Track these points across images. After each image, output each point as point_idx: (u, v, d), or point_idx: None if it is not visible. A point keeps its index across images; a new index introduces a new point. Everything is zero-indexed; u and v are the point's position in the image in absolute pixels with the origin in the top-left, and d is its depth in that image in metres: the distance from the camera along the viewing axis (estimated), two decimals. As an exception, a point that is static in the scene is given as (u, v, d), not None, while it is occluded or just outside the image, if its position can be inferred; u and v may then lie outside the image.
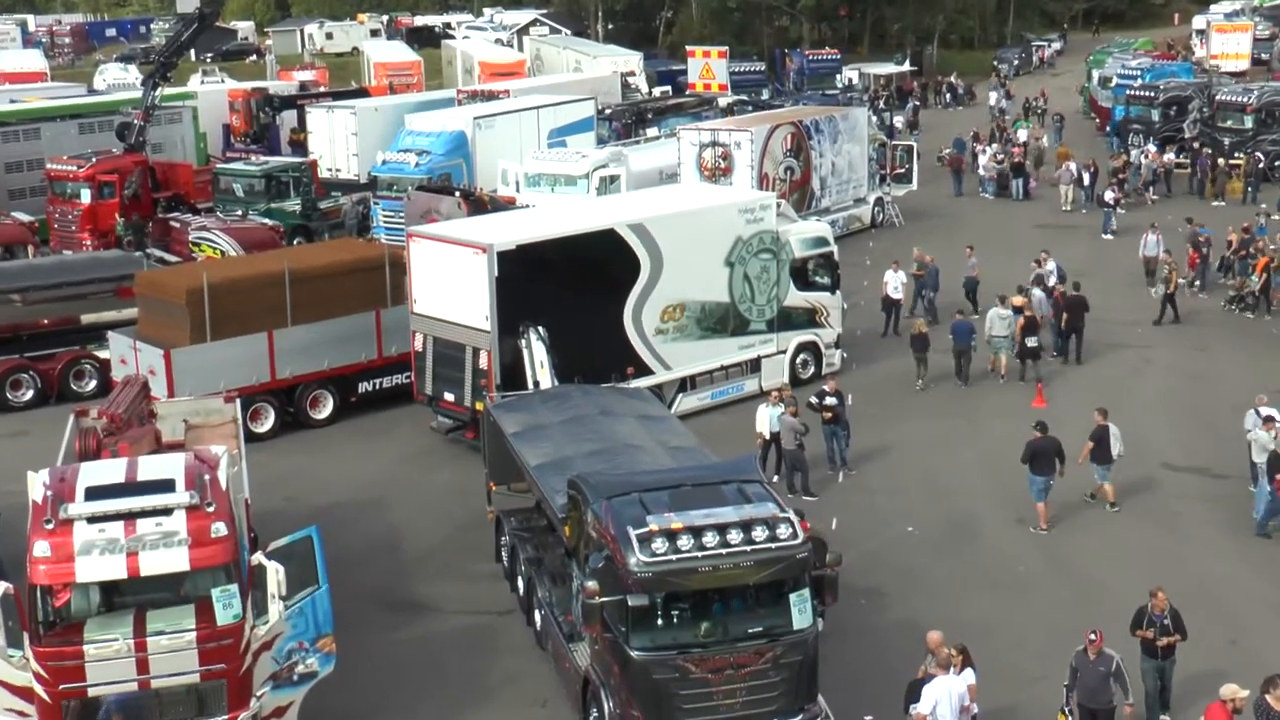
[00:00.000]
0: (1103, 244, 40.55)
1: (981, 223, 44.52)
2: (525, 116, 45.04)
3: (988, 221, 44.74)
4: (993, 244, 39.93)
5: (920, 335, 28.75)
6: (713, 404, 27.26)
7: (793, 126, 40.07)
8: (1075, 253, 38.08)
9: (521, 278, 24.07)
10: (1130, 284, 35.75)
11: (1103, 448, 22.64)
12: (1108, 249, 39.88)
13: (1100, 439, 22.67)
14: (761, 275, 27.60)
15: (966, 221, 44.79)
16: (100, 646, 14.22)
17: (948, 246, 37.66)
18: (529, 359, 23.40)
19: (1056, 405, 27.04)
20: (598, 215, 27.03)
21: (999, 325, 28.83)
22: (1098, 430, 22.79)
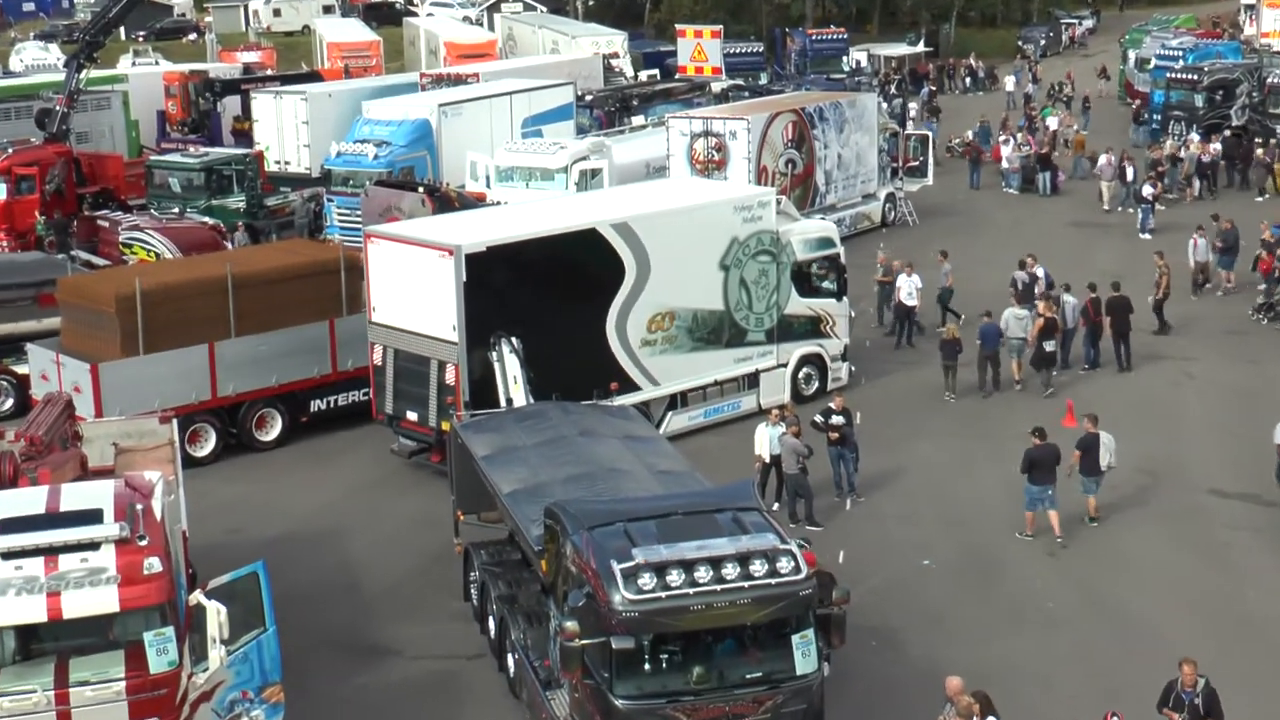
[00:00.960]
0: (1140, 245, 40.68)
1: (1006, 221, 44.71)
2: (497, 103, 45.10)
3: (1013, 219, 44.93)
4: (1019, 245, 39.99)
5: (951, 341, 28.94)
6: (706, 423, 27.28)
7: (794, 114, 40.20)
8: (1110, 254, 38.31)
9: (492, 283, 24.09)
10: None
11: (1091, 457, 22.97)
12: (1146, 250, 39.97)
13: (1089, 448, 22.99)
14: (760, 280, 27.66)
15: (989, 220, 44.97)
16: (16, 699, 14.14)
17: (969, 248, 37.87)
18: (501, 373, 23.41)
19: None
20: (577, 213, 27.07)
21: (1015, 326, 29.28)
22: (1086, 438, 23.10)
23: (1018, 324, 29.40)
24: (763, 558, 14.63)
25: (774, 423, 23.71)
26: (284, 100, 46.45)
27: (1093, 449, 23.03)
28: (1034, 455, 22.55)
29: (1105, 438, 23.15)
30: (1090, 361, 30.42)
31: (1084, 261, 36.74)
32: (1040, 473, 22.43)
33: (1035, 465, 22.48)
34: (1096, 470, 22.97)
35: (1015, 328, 29.38)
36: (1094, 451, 23.00)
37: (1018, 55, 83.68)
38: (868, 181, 43.29)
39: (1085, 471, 23.03)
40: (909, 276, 32.33)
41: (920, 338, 32.24)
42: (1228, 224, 36.21)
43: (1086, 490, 23.07)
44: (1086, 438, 23.18)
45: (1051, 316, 29.35)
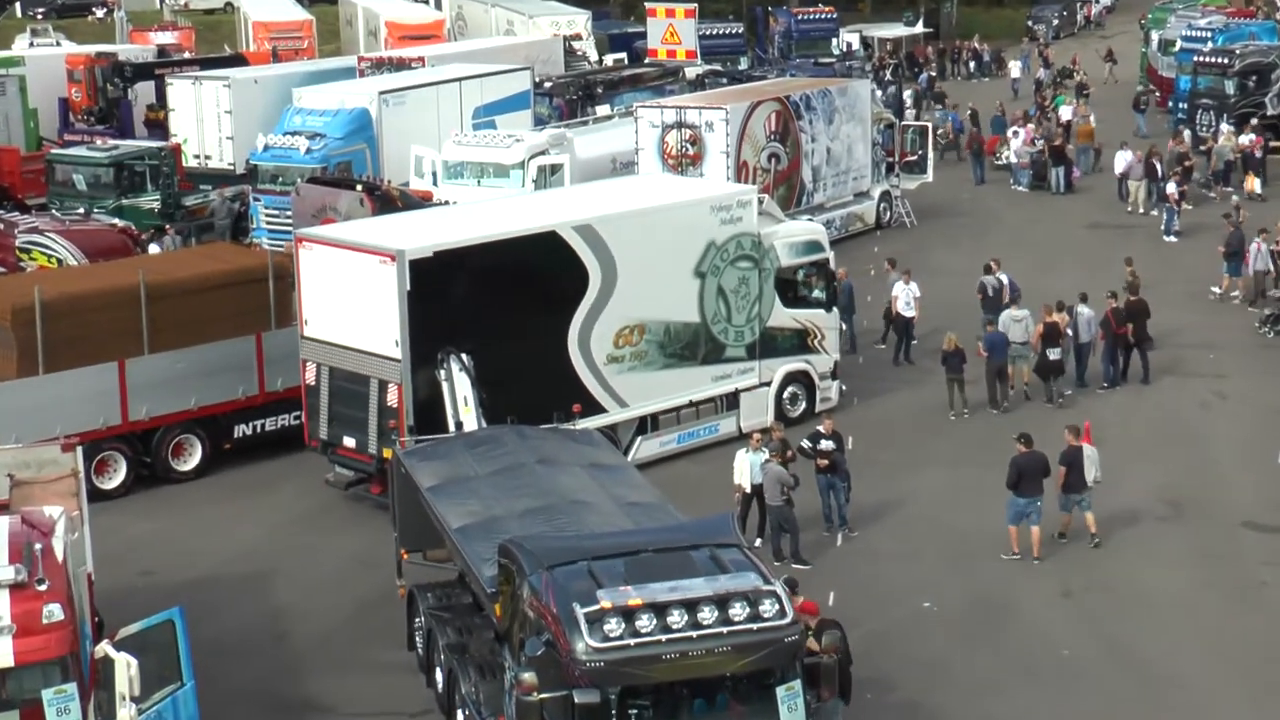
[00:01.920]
0: (1165, 249, 40.98)
1: (1015, 222, 44.94)
2: (444, 91, 45.11)
3: (1023, 220, 45.15)
4: (1029, 250, 40.26)
5: (954, 352, 29.11)
6: (680, 449, 27.31)
7: (778, 103, 40.35)
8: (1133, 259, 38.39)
9: (440, 292, 24.08)
10: (1196, 297, 36.17)
11: (1075, 473, 23.35)
12: (1171, 255, 40.31)
13: (1072, 462, 23.37)
14: (740, 289, 27.74)
15: (997, 221, 45.19)
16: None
17: (975, 253, 37.96)
18: (450, 394, 23.38)
19: (1110, 449, 27.26)
20: (535, 214, 27.09)
21: (1014, 330, 29.67)
22: (1069, 452, 23.49)
23: (1017, 327, 29.74)
24: (743, 600, 14.64)
25: (756, 448, 23.73)
26: (204, 87, 46.34)
27: (1076, 464, 23.45)
28: (1021, 464, 23.02)
29: (1089, 450, 23.62)
30: (1110, 379, 30.60)
31: (1103, 267, 36.95)
32: (1027, 484, 22.92)
33: (1023, 475, 22.93)
34: (1082, 486, 23.46)
35: (1015, 331, 29.72)
36: (1078, 467, 23.43)
37: (1026, 37, 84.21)
38: (860, 178, 43.45)
39: (1069, 488, 23.53)
40: (906, 284, 32.47)
41: (919, 351, 32.35)
42: (1231, 226, 36.51)
43: (1065, 508, 23.60)
44: (1069, 452, 23.59)
45: (1054, 321, 29.77)
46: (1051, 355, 29.54)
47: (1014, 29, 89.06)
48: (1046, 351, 29.62)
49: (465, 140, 39.83)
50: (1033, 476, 23.01)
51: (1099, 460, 23.62)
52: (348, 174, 39.07)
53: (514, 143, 38.74)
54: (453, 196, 36.61)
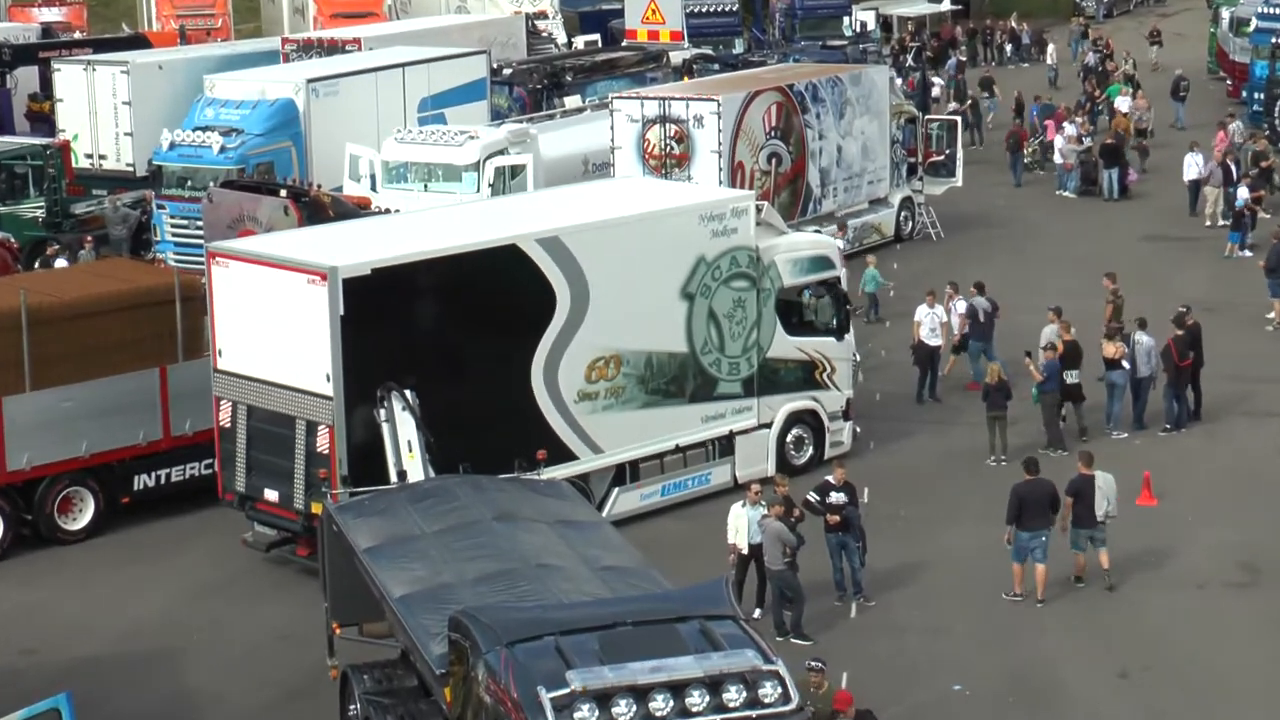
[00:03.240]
0: (1237, 266, 41.08)
1: (1060, 234, 45.10)
2: (385, 78, 45.21)
3: (1069, 232, 45.33)
4: (1077, 267, 40.41)
5: (998, 385, 29.30)
6: (664, 503, 27.38)
7: (780, 94, 40.54)
8: (1197, 278, 38.66)
9: (380, 317, 24.14)
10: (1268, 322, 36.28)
11: (1084, 505, 23.85)
12: (1239, 273, 40.43)
13: (1080, 492, 23.92)
14: (735, 313, 27.84)
15: (1037, 232, 45.34)
16: None
17: (1012, 272, 38.10)
18: (391, 438, 23.39)
19: (1174, 502, 27.40)
20: (492, 225, 27.17)
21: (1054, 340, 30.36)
22: (1078, 481, 24.07)
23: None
24: (740, 682, 14.69)
25: (754, 502, 23.78)
26: (97, 73, 46.35)
27: (1086, 494, 23.88)
28: (1024, 493, 23.63)
29: (1103, 479, 24.10)
30: (1174, 420, 30.75)
31: (1162, 287, 37.14)
32: (1032, 516, 23.48)
33: (1025, 506, 23.45)
34: (1091, 521, 23.97)
35: None
36: (1088, 497, 23.87)
37: (1074, 16, 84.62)
38: (877, 182, 43.66)
39: (1078, 522, 24.00)
40: (930, 308, 32.61)
41: (949, 385, 32.49)
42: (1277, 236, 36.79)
43: (1077, 545, 24.16)
44: (1079, 480, 24.07)
45: (1074, 340, 30.28)
46: (1069, 379, 29.96)
47: (1058, 6, 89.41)
48: (1064, 375, 30.02)
49: (409, 137, 39.88)
50: (1037, 507, 23.59)
51: (1114, 491, 24.10)
52: (269, 177, 39.11)
53: (467, 140, 38.79)
54: (395, 203, 36.62)
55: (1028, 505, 23.69)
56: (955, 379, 32.59)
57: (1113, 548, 24.21)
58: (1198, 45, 71.73)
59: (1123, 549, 24.87)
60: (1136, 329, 30.94)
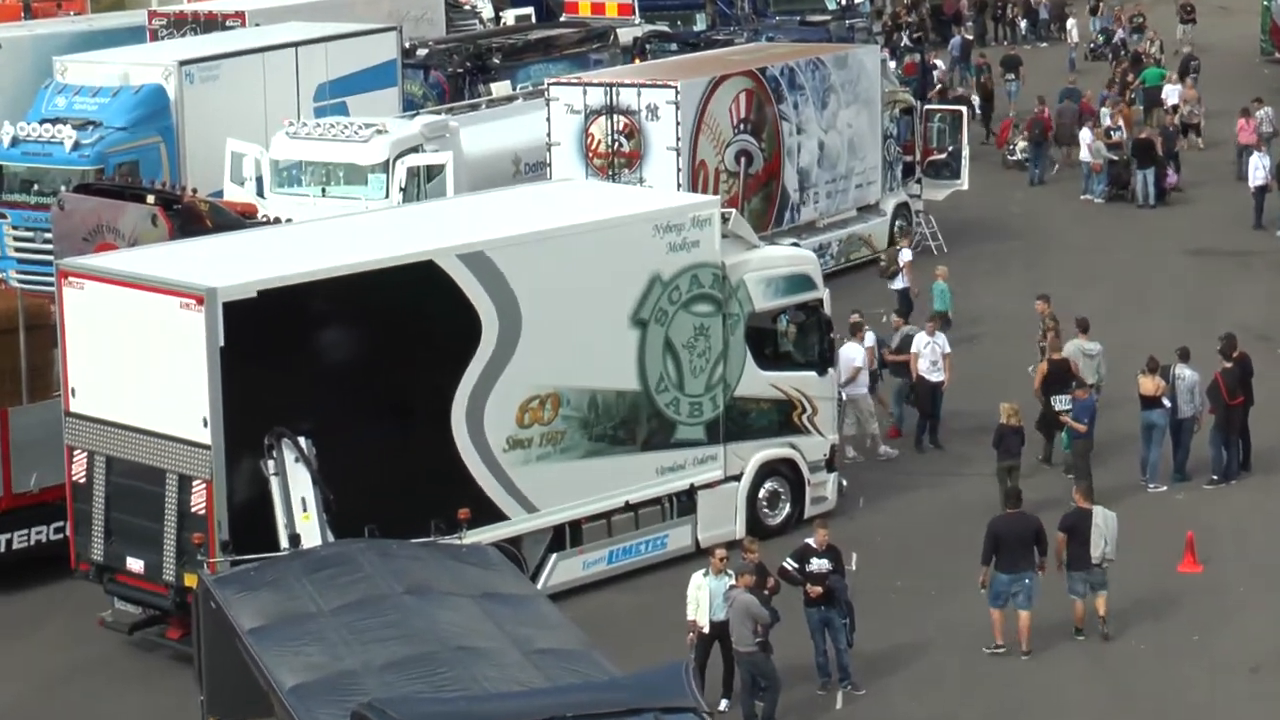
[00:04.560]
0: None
1: (1082, 245, 45.27)
2: (274, 60, 45.13)
3: (1095, 243, 45.46)
4: (1105, 286, 40.57)
5: (1013, 429, 29.40)
6: (611, 571, 27.33)
7: (749, 80, 40.62)
8: (1251, 300, 38.76)
9: (268, 350, 24.04)
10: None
11: (1079, 544, 24.61)
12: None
13: (1075, 529, 24.73)
14: (697, 343, 27.82)
15: (1058, 244, 45.51)
16: None
17: (1029, 291, 38.00)
18: (282, 495, 23.31)
19: (1222, 569, 27.44)
20: (405, 237, 27.12)
21: (1085, 369, 31.25)
22: (1073, 516, 24.89)
23: (1088, 365, 31.13)
24: (703, 788, 14.68)
25: (719, 571, 23.68)
26: (-80, 55, 46.30)
27: (1080, 532, 24.57)
28: (1001, 530, 24.46)
29: (1101, 516, 24.75)
30: (1222, 470, 30.82)
31: (1209, 311, 37.26)
32: (1012, 556, 24.22)
33: (1004, 545, 24.22)
34: (1086, 563, 24.68)
35: (1085, 370, 31.05)
36: (1083, 535, 24.56)
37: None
38: (867, 185, 43.79)
39: (1072, 564, 24.73)
40: (931, 336, 32.63)
41: (950, 430, 32.60)
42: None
43: (1074, 590, 24.88)
44: (1074, 515, 24.85)
45: (1064, 359, 31.07)
46: (1057, 405, 30.47)
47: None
48: (1051, 400, 30.56)
49: (304, 132, 39.86)
50: (1018, 546, 24.25)
51: (1115, 531, 24.66)
52: (134, 179, 38.95)
53: (374, 135, 38.80)
54: (286, 211, 36.56)
55: (1007, 543, 24.41)
56: (962, 420, 32.54)
57: (1149, 622, 24.24)
58: (1248, 21, 72.08)
59: (1163, 624, 24.93)
60: (1177, 362, 31.02)
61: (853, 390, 31.68)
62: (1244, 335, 34.07)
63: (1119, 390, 31.45)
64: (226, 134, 40.77)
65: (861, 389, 31.82)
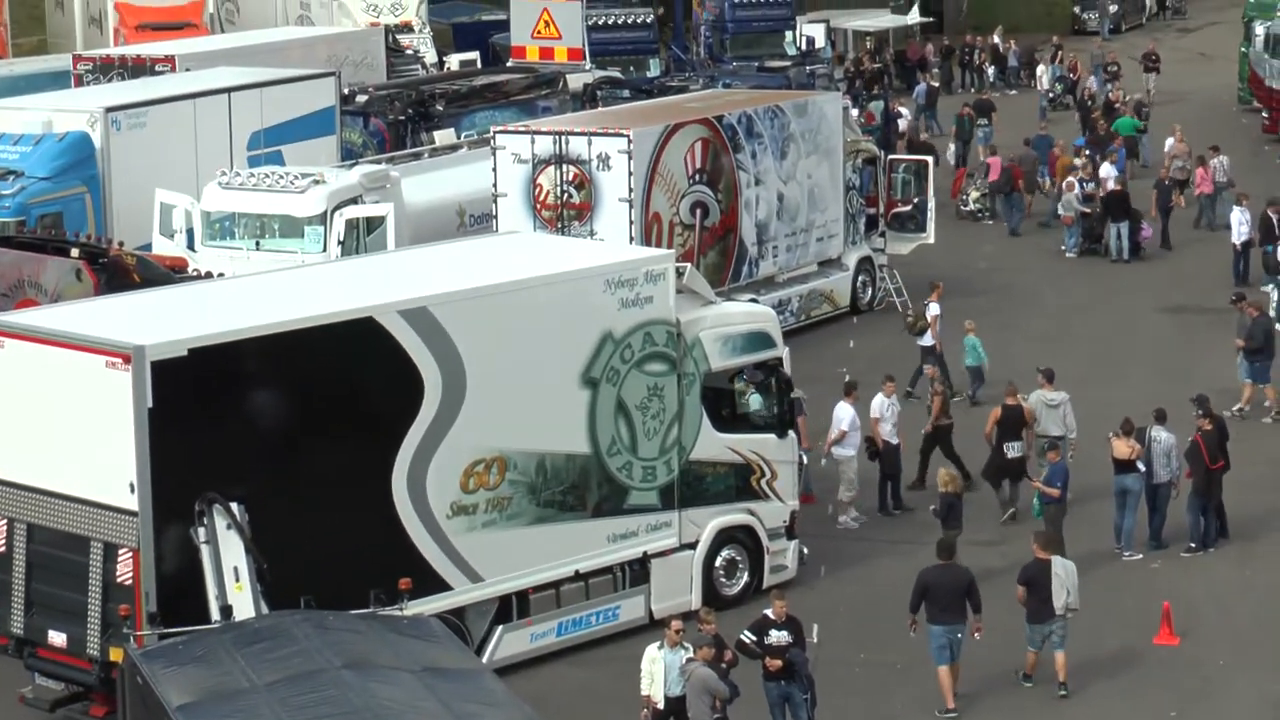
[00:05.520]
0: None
1: (1053, 304, 45.39)
2: (205, 106, 45.13)
3: (1065, 302, 45.58)
4: (1077, 345, 40.66)
5: (951, 497, 29.39)
6: (561, 644, 27.29)
7: (705, 128, 40.72)
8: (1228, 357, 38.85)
9: (199, 411, 24.00)
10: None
11: (1039, 597, 25.09)
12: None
13: (1034, 582, 25.22)
14: (650, 404, 27.84)
15: (1029, 303, 45.58)
16: None
17: (999, 350, 38.15)
18: (213, 565, 23.22)
19: (1203, 643, 27.47)
20: (343, 293, 27.08)
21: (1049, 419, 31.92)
22: (1032, 568, 25.34)
23: (1052, 414, 31.65)
24: None
25: (674, 644, 23.70)
26: None
27: (1040, 583, 25.00)
28: (931, 581, 25.12)
29: (1061, 566, 25.16)
30: (1199, 538, 30.85)
31: (1184, 372, 37.38)
32: (943, 608, 24.87)
33: (934, 596, 24.86)
34: (1049, 615, 25.12)
35: (1050, 420, 31.65)
36: (1043, 588, 24.99)
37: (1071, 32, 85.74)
38: (828, 239, 43.90)
39: (1033, 617, 25.22)
40: (889, 399, 32.60)
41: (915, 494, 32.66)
42: (1252, 310, 37.29)
43: (1032, 643, 25.40)
44: (1032, 567, 25.24)
45: (1018, 405, 31.64)
46: (1010, 452, 31.01)
47: (1054, 19, 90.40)
48: (1003, 446, 31.08)
49: (237, 182, 39.79)
50: (949, 598, 24.82)
51: (1076, 580, 25.10)
52: (57, 232, 38.87)
53: (311, 185, 38.79)
54: (218, 266, 36.52)
55: (936, 595, 24.95)
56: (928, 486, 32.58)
57: (1124, 697, 24.43)
58: (1228, 69, 72.57)
59: (1138, 699, 24.97)
60: (1153, 423, 31.07)
61: (839, 452, 31.86)
62: (1223, 396, 34.34)
63: (1092, 453, 31.50)
64: (155, 184, 40.74)
65: (849, 451, 31.98)
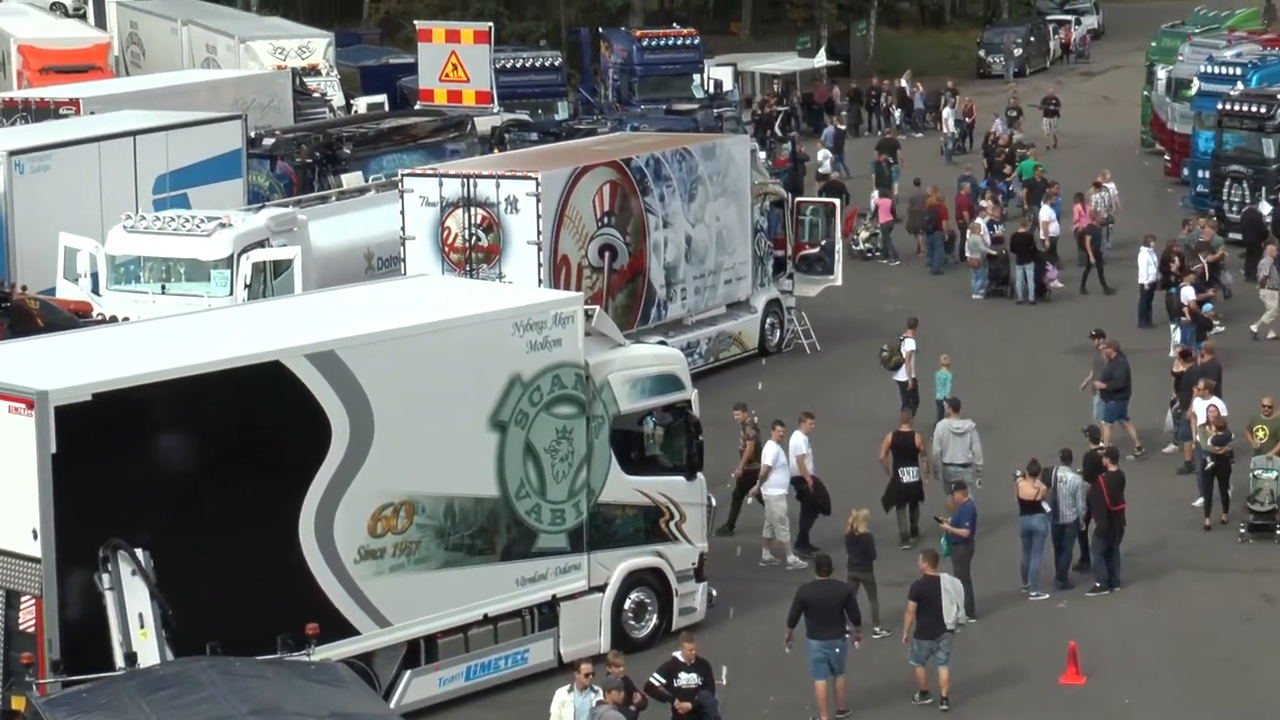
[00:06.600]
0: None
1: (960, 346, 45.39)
2: (110, 149, 44.99)
3: (971, 344, 45.69)
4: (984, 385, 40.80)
5: (859, 538, 29.23)
6: (470, 689, 27.25)
7: (614, 171, 40.82)
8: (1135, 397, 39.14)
9: (103, 456, 23.89)
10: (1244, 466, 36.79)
11: (930, 613, 25.62)
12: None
13: (924, 597, 25.72)
14: (559, 447, 27.85)
15: (933, 344, 45.52)
16: None
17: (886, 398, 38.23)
18: (117, 611, 23.09)
19: (1111, 683, 27.61)
20: (250, 337, 27.03)
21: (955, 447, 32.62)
22: (923, 584, 25.94)
23: (959, 443, 32.23)
24: None
25: (584, 687, 23.72)
26: None
27: (930, 600, 25.50)
28: (810, 597, 25.59)
29: (949, 582, 25.84)
30: (1105, 578, 30.97)
31: (1088, 413, 37.49)
32: (822, 623, 25.33)
33: (812, 612, 25.36)
34: (939, 629, 25.62)
35: (956, 449, 32.29)
36: (934, 604, 25.47)
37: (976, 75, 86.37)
38: (736, 281, 44.01)
39: (922, 633, 25.71)
40: (805, 435, 32.59)
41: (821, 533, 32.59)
42: (1110, 349, 37.66)
43: (917, 658, 25.95)
44: (923, 584, 25.82)
45: (910, 431, 32.27)
46: (905, 477, 31.58)
47: (959, 62, 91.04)
48: (899, 472, 31.62)
49: (142, 225, 39.68)
50: (828, 614, 25.30)
51: (963, 596, 25.83)
52: (-40, 276, 38.79)
53: (217, 229, 38.69)
54: (123, 310, 36.38)
55: (814, 610, 25.43)
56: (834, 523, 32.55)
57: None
58: (1130, 112, 73.05)
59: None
60: (1059, 464, 31.22)
61: (769, 491, 31.92)
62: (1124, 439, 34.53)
63: (999, 494, 31.63)
64: (59, 228, 40.59)
65: (777, 490, 32.03)
